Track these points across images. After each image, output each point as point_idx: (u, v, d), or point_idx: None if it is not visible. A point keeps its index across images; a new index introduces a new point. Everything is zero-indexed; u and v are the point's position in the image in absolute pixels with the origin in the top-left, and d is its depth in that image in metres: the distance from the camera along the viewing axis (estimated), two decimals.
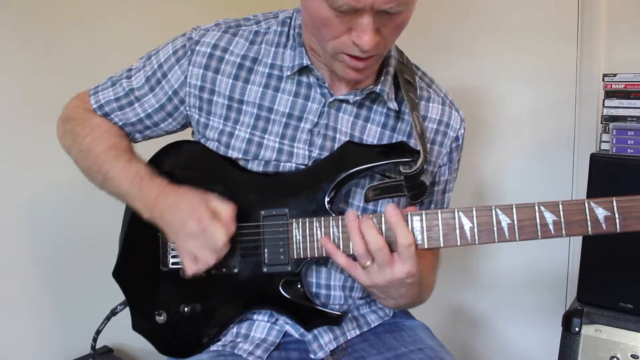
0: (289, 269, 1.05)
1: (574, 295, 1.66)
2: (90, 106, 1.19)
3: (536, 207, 0.90)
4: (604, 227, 0.87)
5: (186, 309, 1.10)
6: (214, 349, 1.12)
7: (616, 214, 0.87)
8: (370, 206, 1.11)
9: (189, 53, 1.11)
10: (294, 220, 1.04)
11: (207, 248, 1.00)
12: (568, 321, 1.56)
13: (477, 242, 0.93)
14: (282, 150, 1.10)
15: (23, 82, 1.61)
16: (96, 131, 1.15)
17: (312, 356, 1.11)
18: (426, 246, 0.95)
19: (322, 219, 1.02)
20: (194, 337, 1.12)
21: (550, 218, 0.89)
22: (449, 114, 1.19)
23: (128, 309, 1.19)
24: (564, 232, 0.89)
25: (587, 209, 0.88)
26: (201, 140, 1.16)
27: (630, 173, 1.51)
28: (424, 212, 0.96)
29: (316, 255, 1.02)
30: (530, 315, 2.14)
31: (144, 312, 1.15)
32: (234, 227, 1.02)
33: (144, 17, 1.88)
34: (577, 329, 1.54)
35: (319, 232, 1.02)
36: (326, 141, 1.10)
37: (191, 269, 1.02)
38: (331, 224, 1.01)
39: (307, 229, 1.03)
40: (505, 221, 0.91)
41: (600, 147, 1.70)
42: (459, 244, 0.93)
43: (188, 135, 1.22)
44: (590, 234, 0.88)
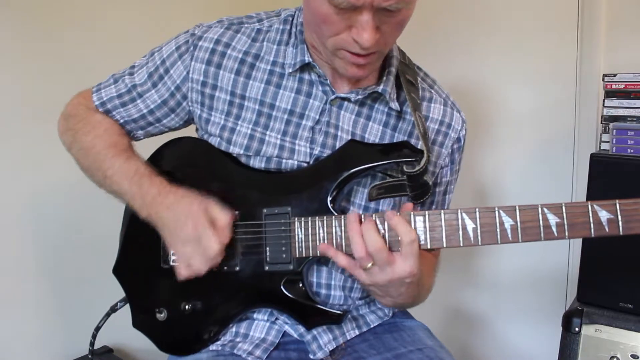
0: (290, 267, 1.05)
1: (574, 295, 1.66)
2: (92, 104, 1.19)
3: (539, 209, 0.90)
4: (607, 230, 0.88)
5: (187, 306, 1.10)
6: (213, 348, 1.12)
7: (619, 216, 0.87)
8: (372, 205, 1.12)
9: (191, 48, 1.12)
10: (296, 219, 1.04)
11: (200, 255, 1.00)
12: (568, 321, 1.57)
13: (480, 243, 0.93)
14: (284, 147, 1.10)
15: (23, 82, 1.60)
16: (97, 129, 1.15)
17: (311, 356, 1.11)
18: (429, 246, 0.95)
19: (325, 218, 1.02)
20: (194, 334, 1.12)
21: (553, 220, 0.89)
22: (450, 114, 1.19)
23: (128, 308, 1.19)
24: (566, 234, 0.89)
25: (590, 212, 0.88)
26: (204, 136, 1.16)
27: (630, 173, 1.52)
28: (427, 212, 0.96)
29: (318, 254, 1.02)
30: (530, 315, 2.14)
31: (144, 309, 1.15)
32: (229, 237, 1.02)
33: (144, 17, 1.88)
34: (577, 329, 1.54)
35: (321, 231, 1.02)
36: (328, 139, 1.10)
37: (184, 273, 1.03)
38: (333, 223, 1.01)
39: (310, 228, 1.03)
40: (508, 222, 0.91)
41: (600, 147, 1.70)
42: (461, 245, 0.94)
43: (190, 132, 1.22)
44: (592, 236, 0.88)
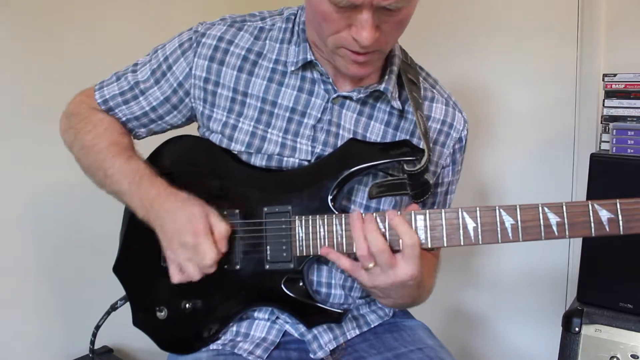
0: (291, 266, 1.05)
1: (574, 295, 1.66)
2: (94, 102, 1.19)
3: (540, 208, 0.90)
4: (607, 229, 0.88)
5: (187, 305, 1.10)
6: (213, 347, 1.12)
7: (620, 216, 0.87)
8: (373, 204, 1.11)
9: (194, 45, 1.12)
10: (296, 218, 1.04)
11: (194, 262, 1.00)
12: (568, 321, 1.57)
13: (480, 242, 0.93)
14: (285, 145, 1.10)
15: (23, 82, 1.61)
16: (98, 128, 1.15)
17: (311, 356, 1.11)
18: (430, 245, 0.95)
19: (325, 216, 1.02)
20: (194, 333, 1.12)
21: (553, 219, 0.89)
22: (452, 114, 1.19)
23: (128, 307, 1.19)
24: (567, 233, 0.89)
25: (590, 211, 0.88)
26: (205, 133, 1.16)
27: (630, 173, 1.52)
28: (427, 211, 0.96)
29: (319, 253, 1.02)
30: (530, 315, 2.14)
31: (145, 307, 1.15)
32: (226, 248, 1.02)
33: (144, 17, 1.88)
34: (577, 329, 1.54)
35: (322, 229, 1.02)
36: (329, 137, 1.10)
37: (176, 277, 1.02)
38: (334, 222, 1.01)
39: (310, 227, 1.03)
40: (509, 222, 0.91)
41: (600, 147, 1.70)
42: (462, 244, 0.94)
43: (193, 130, 1.22)
44: (593, 235, 0.88)
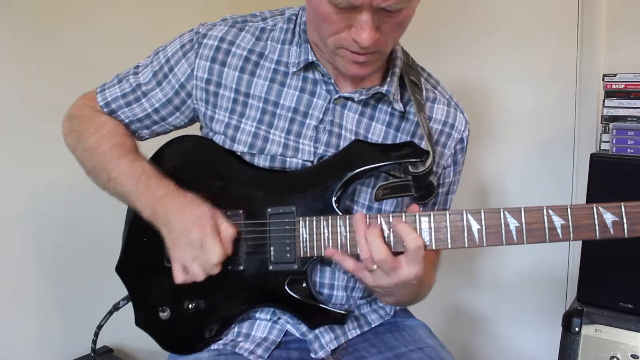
0: (295, 267, 1.05)
1: (574, 295, 1.66)
2: (96, 104, 1.18)
3: (544, 211, 0.90)
4: (612, 232, 0.88)
5: (190, 305, 1.10)
6: (214, 347, 1.12)
7: (624, 219, 0.87)
8: (376, 204, 1.12)
9: (196, 46, 1.11)
10: (300, 219, 1.04)
11: (199, 262, 1.00)
12: (568, 321, 1.57)
13: (484, 244, 0.93)
14: (288, 145, 1.10)
15: (23, 82, 1.60)
16: (101, 130, 1.14)
17: (313, 355, 1.12)
18: (434, 247, 0.95)
19: (330, 217, 1.02)
20: (197, 333, 1.12)
21: (558, 222, 0.89)
22: (454, 115, 1.19)
23: (130, 306, 1.19)
24: (571, 236, 0.89)
25: (595, 214, 0.88)
26: (208, 134, 1.16)
27: (630, 173, 1.52)
28: (432, 213, 0.96)
29: (323, 254, 1.02)
30: (530, 315, 2.15)
31: (147, 308, 1.15)
32: (230, 250, 1.02)
33: (144, 17, 1.88)
34: (577, 329, 1.55)
35: (325, 230, 1.02)
36: (331, 138, 1.10)
37: (179, 278, 1.02)
38: (338, 223, 1.01)
39: (314, 228, 1.03)
40: (513, 224, 0.91)
41: (600, 147, 1.70)
42: (466, 246, 0.94)
43: (195, 130, 1.22)
44: (598, 238, 0.89)
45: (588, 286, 1.60)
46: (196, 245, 0.99)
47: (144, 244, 1.15)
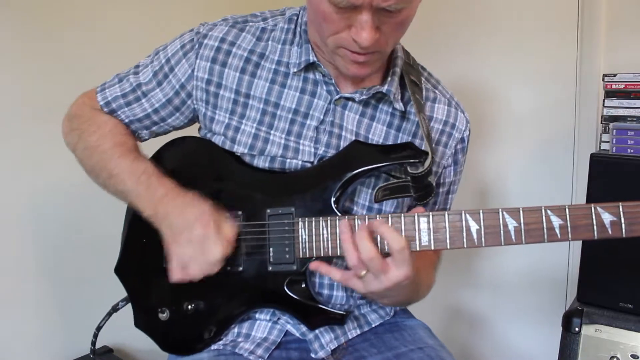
0: (294, 268, 1.05)
1: (574, 295, 1.66)
2: (97, 104, 1.18)
3: (543, 211, 0.90)
4: (610, 232, 0.88)
5: (189, 306, 1.10)
6: (214, 347, 1.12)
7: (622, 219, 0.87)
8: (376, 205, 1.12)
9: (196, 46, 1.11)
10: (299, 220, 1.04)
11: (199, 260, 1.00)
12: (568, 321, 1.57)
13: (483, 245, 0.93)
14: (288, 146, 1.10)
15: (23, 82, 1.60)
16: (102, 129, 1.14)
17: (313, 355, 1.12)
18: (432, 247, 0.95)
19: (329, 218, 1.02)
20: (196, 334, 1.12)
21: (556, 222, 0.89)
22: (454, 115, 1.19)
23: (129, 307, 1.19)
24: (570, 236, 0.89)
25: (593, 214, 0.88)
26: (207, 135, 1.16)
27: (630, 173, 1.52)
28: (431, 213, 0.96)
29: (322, 254, 1.02)
30: (530, 315, 2.14)
31: (147, 309, 1.15)
32: (230, 250, 1.02)
33: (144, 17, 1.88)
34: (577, 329, 1.55)
35: (325, 231, 1.02)
36: (332, 138, 1.10)
37: (177, 276, 1.02)
38: (337, 224, 1.01)
39: (313, 229, 1.03)
40: (512, 224, 0.91)
41: (600, 147, 1.70)
42: (465, 246, 0.93)
43: (195, 131, 1.22)
44: (596, 238, 0.89)
45: (588, 286, 1.60)
46: (197, 242, 0.99)
47: (143, 245, 1.15)
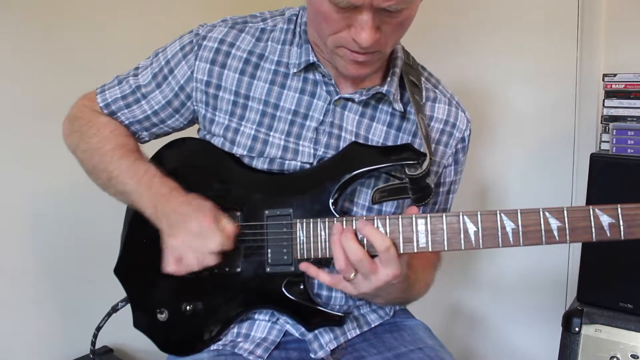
0: (292, 269, 1.05)
1: (574, 295, 1.66)
2: (97, 105, 1.18)
3: (541, 213, 0.90)
4: (608, 235, 0.87)
5: (188, 307, 1.10)
6: (214, 348, 1.12)
7: (621, 221, 0.87)
8: (376, 206, 1.12)
9: (195, 48, 1.11)
10: (297, 221, 1.04)
11: (195, 252, 0.99)
12: (568, 321, 1.57)
13: (481, 247, 0.93)
14: (288, 148, 1.10)
15: (23, 82, 1.60)
16: (103, 131, 1.14)
17: (312, 355, 1.12)
18: (430, 249, 0.95)
19: (327, 219, 1.02)
20: (195, 335, 1.12)
21: (554, 224, 0.89)
22: (455, 114, 1.19)
23: (129, 307, 1.19)
24: (568, 238, 0.89)
25: (591, 216, 0.88)
26: (206, 136, 1.16)
27: (630, 173, 1.52)
28: (428, 215, 0.96)
29: (320, 255, 1.02)
30: (530, 315, 2.14)
31: (146, 309, 1.15)
32: (230, 246, 1.02)
33: (144, 17, 1.88)
34: (577, 329, 1.54)
35: (323, 232, 1.02)
36: (331, 139, 1.10)
37: (170, 267, 1.02)
38: (335, 225, 1.01)
39: (311, 230, 1.03)
40: (509, 226, 0.91)
41: (600, 147, 1.70)
42: (463, 248, 0.93)
43: (194, 132, 1.22)
44: (594, 240, 0.88)
45: (588, 286, 1.60)
46: (194, 233, 0.99)
47: (142, 246, 1.15)
